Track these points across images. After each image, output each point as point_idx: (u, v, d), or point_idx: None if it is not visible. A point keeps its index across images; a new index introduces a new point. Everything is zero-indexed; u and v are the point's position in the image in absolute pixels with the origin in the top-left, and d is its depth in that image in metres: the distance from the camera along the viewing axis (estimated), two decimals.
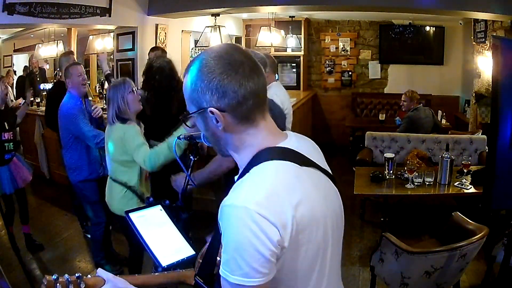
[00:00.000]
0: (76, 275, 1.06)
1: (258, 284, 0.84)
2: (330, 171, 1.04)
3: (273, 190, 0.87)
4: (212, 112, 0.93)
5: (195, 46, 6.06)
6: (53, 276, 1.03)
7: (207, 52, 0.97)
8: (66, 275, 1.05)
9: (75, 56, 5.43)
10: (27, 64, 8.12)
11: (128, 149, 2.51)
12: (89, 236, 3.94)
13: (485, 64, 5.21)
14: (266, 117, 0.98)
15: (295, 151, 0.96)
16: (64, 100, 3.19)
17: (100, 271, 1.11)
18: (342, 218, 1.05)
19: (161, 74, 3.09)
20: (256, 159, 0.93)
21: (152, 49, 4.39)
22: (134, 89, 2.58)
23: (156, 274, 1.27)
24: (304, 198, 0.90)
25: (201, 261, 1.06)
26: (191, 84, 0.95)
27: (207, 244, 1.07)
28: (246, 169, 0.93)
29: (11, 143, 3.49)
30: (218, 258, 0.96)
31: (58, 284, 1.02)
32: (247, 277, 0.84)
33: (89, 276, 1.09)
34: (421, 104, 5.13)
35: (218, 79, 0.91)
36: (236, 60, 0.93)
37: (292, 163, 0.93)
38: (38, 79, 7.22)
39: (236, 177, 0.97)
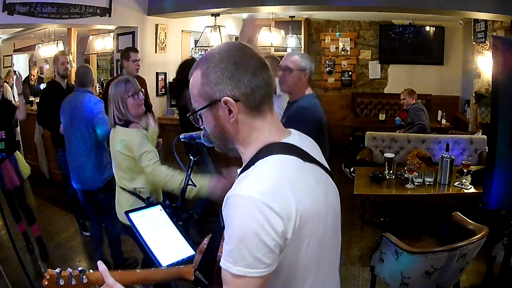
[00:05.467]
0: (79, 269, 1.07)
1: (260, 275, 0.84)
2: (329, 168, 1.06)
3: (278, 182, 0.88)
4: (225, 103, 0.93)
5: (195, 46, 6.05)
6: (56, 270, 1.03)
7: (217, 47, 0.99)
8: (69, 269, 1.05)
9: (74, 56, 5.46)
10: (28, 66, 8.15)
11: (134, 155, 2.28)
12: (86, 234, 3.97)
13: (485, 64, 5.22)
14: (272, 111, 1.00)
15: (298, 147, 0.98)
16: None
17: (100, 265, 1.11)
18: (339, 214, 1.08)
19: None
20: (262, 153, 0.94)
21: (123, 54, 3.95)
22: (137, 91, 2.36)
23: (157, 269, 1.28)
24: (307, 191, 0.92)
25: (201, 256, 1.07)
26: (202, 77, 0.95)
27: (206, 239, 1.07)
28: (251, 162, 0.94)
29: (2, 143, 3.26)
30: (219, 254, 0.95)
31: (60, 278, 1.02)
32: (250, 268, 0.84)
33: (91, 271, 1.10)
34: (420, 100, 5.33)
35: (232, 69, 0.93)
36: (247, 53, 0.96)
37: (296, 158, 0.95)
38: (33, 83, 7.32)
39: (239, 170, 0.99)
